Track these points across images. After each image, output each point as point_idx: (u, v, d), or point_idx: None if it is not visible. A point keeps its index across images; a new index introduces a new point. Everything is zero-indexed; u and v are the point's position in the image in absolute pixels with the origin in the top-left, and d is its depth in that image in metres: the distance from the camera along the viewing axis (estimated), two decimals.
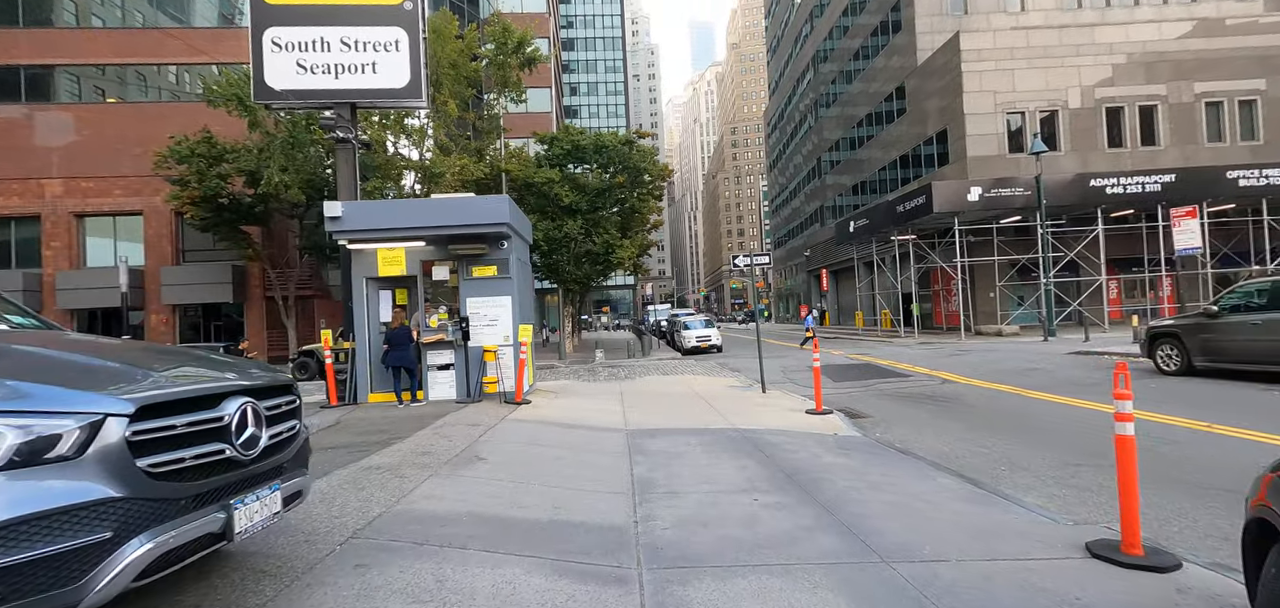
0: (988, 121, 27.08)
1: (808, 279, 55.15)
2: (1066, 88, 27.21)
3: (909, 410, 9.70)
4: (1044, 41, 27.46)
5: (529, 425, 7.79)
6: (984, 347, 20.02)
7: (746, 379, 14.55)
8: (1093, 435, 7.10)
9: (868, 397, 11.32)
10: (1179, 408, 8.21)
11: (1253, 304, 9.68)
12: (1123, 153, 27.01)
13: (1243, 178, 23.24)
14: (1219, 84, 27.19)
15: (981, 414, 8.95)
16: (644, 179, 27.77)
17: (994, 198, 22.95)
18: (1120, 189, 23.06)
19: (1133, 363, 13.06)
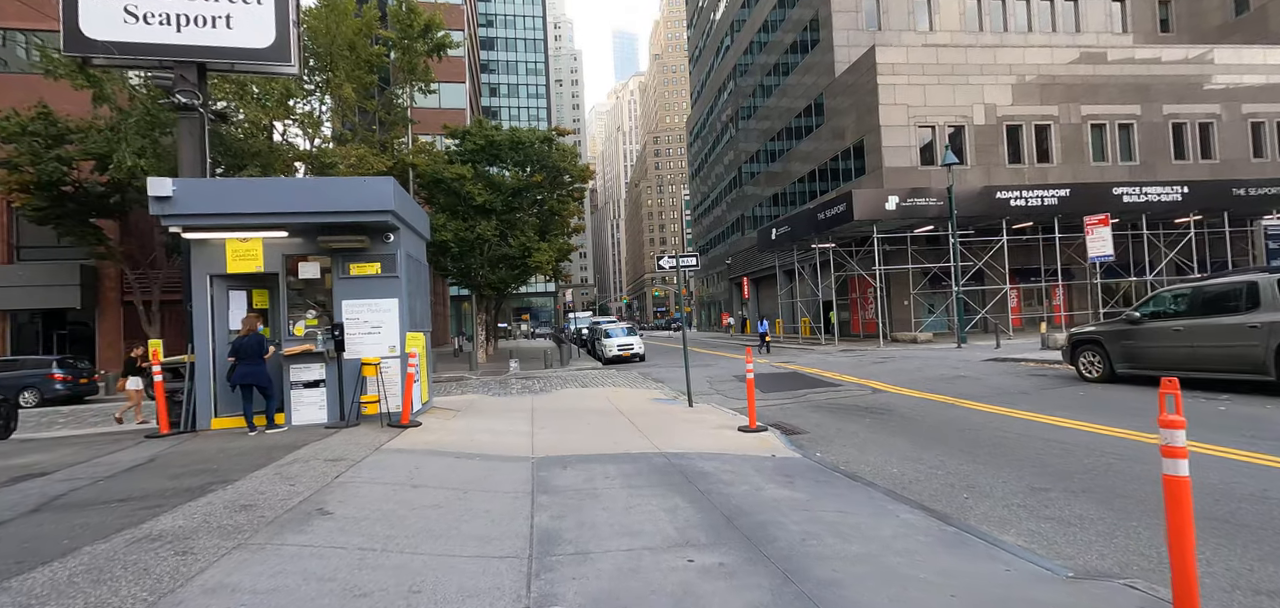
0: (902, 134, 27.77)
1: (729, 287, 55.51)
2: (972, 105, 28.39)
3: (846, 424, 8.95)
4: (951, 60, 28.54)
5: (410, 457, 6.31)
6: (903, 354, 20.11)
7: (671, 391, 13.54)
8: (1048, 452, 6.51)
9: (800, 409, 10.56)
10: (1125, 419, 7.87)
11: (1172, 311, 9.68)
12: (1022, 168, 28.47)
13: (1126, 195, 24.91)
14: (1102, 108, 29.26)
15: (923, 428, 8.30)
16: (564, 179, 26.43)
17: (910, 207, 23.36)
18: (1022, 202, 24.10)
19: (1053, 371, 13.15)
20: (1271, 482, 5.05)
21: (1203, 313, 9.12)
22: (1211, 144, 29.95)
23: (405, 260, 8.68)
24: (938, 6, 32.49)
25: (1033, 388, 10.88)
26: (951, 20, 32.49)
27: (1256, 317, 8.39)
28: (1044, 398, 9.85)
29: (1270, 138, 30.36)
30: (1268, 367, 8.24)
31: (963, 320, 23.08)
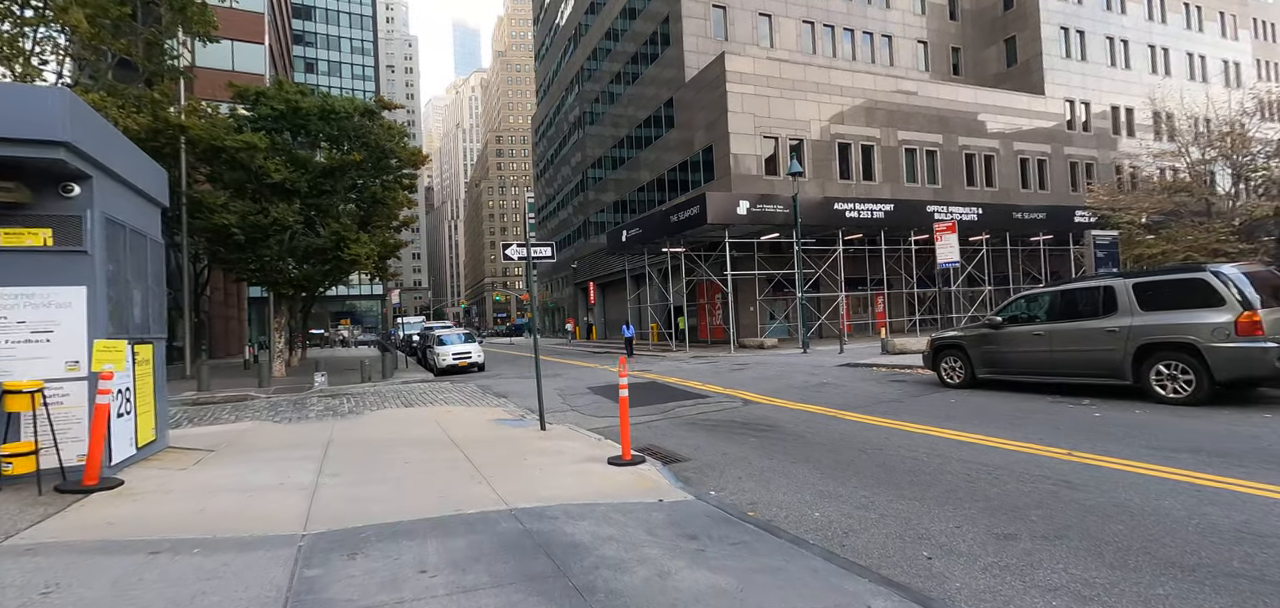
0: (749, 142, 28.17)
1: (575, 292, 53.90)
2: (809, 120, 29.72)
3: (731, 446, 7.53)
4: (792, 76, 29.66)
5: (49, 562, 3.55)
6: (756, 360, 19.81)
7: (518, 407, 11.36)
8: (977, 479, 5.51)
9: (672, 427, 9.01)
10: (1017, 429, 7.31)
11: (1032, 316, 9.69)
12: (851, 184, 30.38)
13: (936, 213, 27.47)
14: (914, 135, 32.35)
15: (821, 450, 7.12)
16: (391, 162, 22.77)
17: (759, 212, 23.46)
18: (856, 214, 25.45)
19: (910, 376, 13.12)
20: (1254, 512, 4.32)
21: (1062, 317, 9.15)
22: (993, 174, 34.58)
23: (103, 229, 5.60)
24: (778, 25, 33.87)
25: (902, 395, 10.46)
26: (789, 40, 34.04)
27: (1114, 321, 8.45)
28: (920, 406, 9.33)
29: (1033, 172, 35.88)
30: (1125, 371, 8.30)
31: (806, 327, 23.63)
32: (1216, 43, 44.62)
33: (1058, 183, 36.48)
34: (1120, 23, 40.00)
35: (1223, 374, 7.45)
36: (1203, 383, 7.57)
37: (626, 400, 6.83)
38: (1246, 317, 7.26)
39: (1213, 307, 7.58)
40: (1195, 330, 7.63)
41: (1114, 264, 13.60)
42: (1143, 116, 39.74)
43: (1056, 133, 36.65)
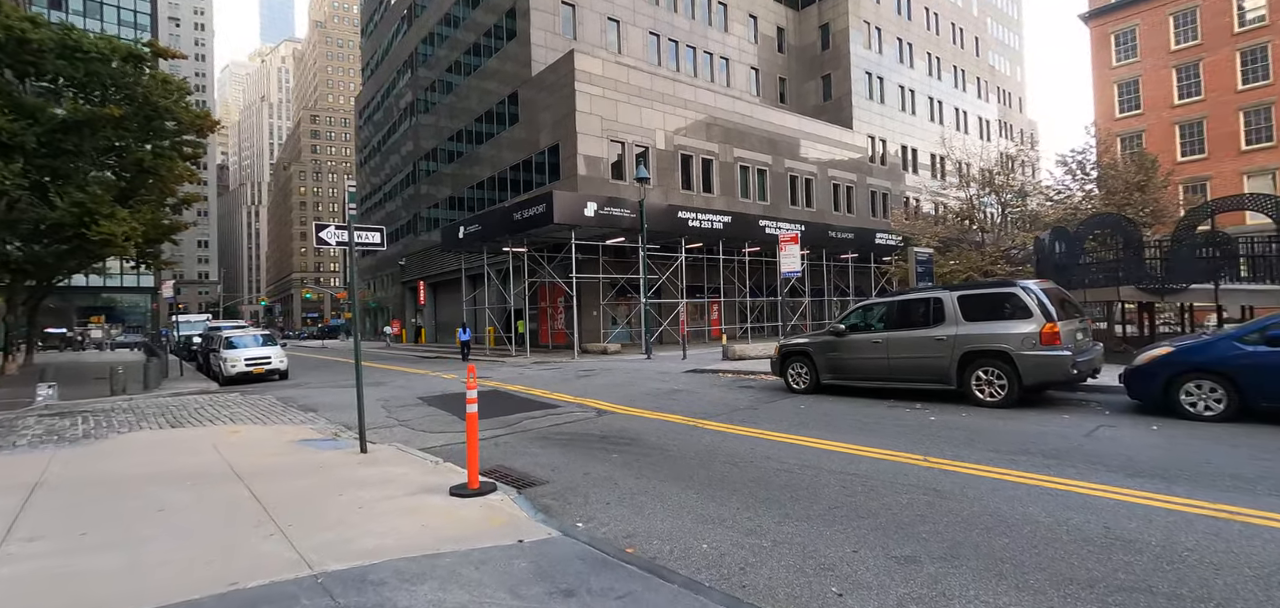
0: (596, 144, 27.76)
1: (402, 292, 49.53)
2: (655, 129, 30.16)
3: (594, 465, 6.72)
4: (640, 83, 29.89)
5: None
6: (601, 366, 19.27)
7: (331, 424, 9.51)
8: (853, 493, 5.28)
9: (523, 444, 7.98)
10: (872, 436, 7.42)
11: (872, 325, 10.20)
12: (692, 194, 31.36)
13: (768, 227, 29.36)
14: (748, 153, 34.41)
15: (690, 463, 6.59)
16: (166, 124, 18.59)
17: (607, 215, 23.05)
18: (698, 223, 26.18)
19: (757, 381, 13.36)
20: (1113, 517, 4.48)
21: (898, 327, 9.72)
22: (812, 196, 38.05)
23: None
24: (626, 33, 34.06)
25: (755, 402, 10.46)
26: (637, 48, 34.39)
27: (942, 330, 9.12)
28: (774, 413, 9.32)
29: (844, 197, 40.17)
30: (951, 376, 8.97)
31: (650, 332, 23.68)
32: (975, 102, 53.93)
33: (861, 208, 41.22)
34: (909, 75, 46.52)
35: (1030, 379, 8.31)
36: (1014, 387, 8.39)
37: (476, 416, 5.70)
38: (1049, 328, 8.16)
39: (1022, 318, 8.45)
40: (1008, 339, 8.44)
41: (930, 278, 15.43)
42: (924, 157, 46.68)
43: (862, 164, 41.43)
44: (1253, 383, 6.72)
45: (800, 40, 44.09)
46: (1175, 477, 5.27)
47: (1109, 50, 34.09)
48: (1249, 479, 5.11)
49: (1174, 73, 31.99)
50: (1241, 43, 30.24)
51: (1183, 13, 31.97)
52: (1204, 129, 31.09)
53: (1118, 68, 33.83)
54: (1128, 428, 7.08)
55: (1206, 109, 31.00)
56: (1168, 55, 32.17)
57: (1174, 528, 4.16)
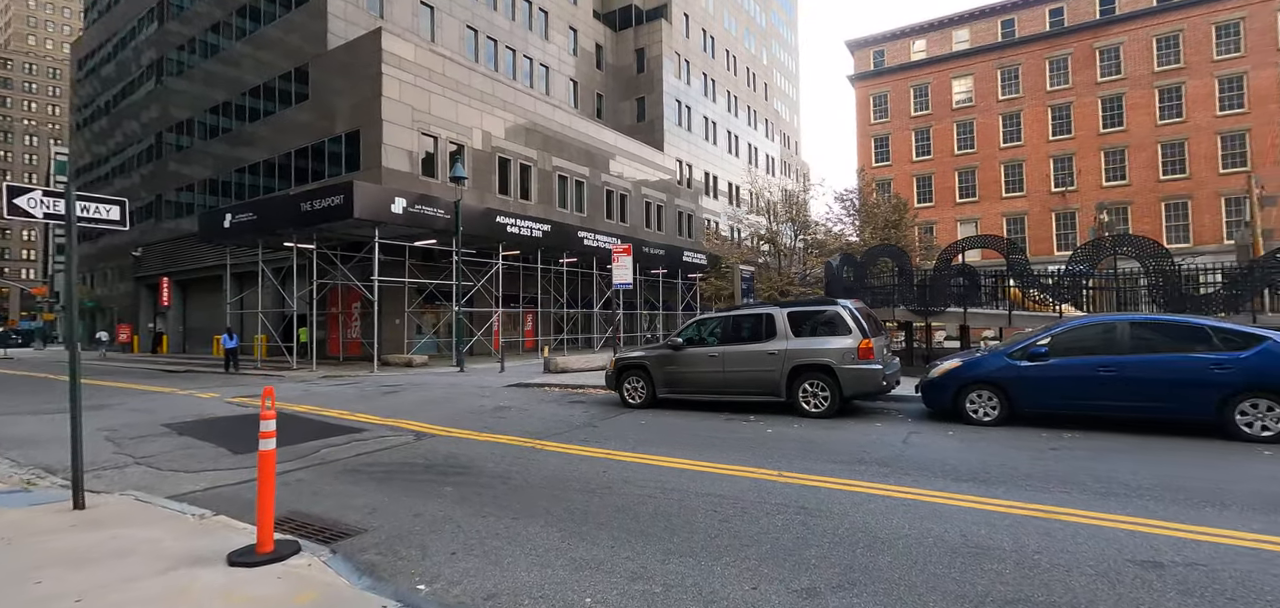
0: (405, 136, 25.23)
1: (136, 289, 40.14)
2: (472, 128, 28.42)
3: (425, 503, 5.60)
4: (457, 76, 27.95)
5: None
6: (410, 380, 17.28)
7: (22, 465, 6.86)
8: (727, 517, 4.99)
9: (326, 479, 6.47)
10: (723, 451, 7.32)
11: (705, 339, 10.33)
12: (509, 200, 30.11)
13: (586, 239, 29.32)
14: (567, 163, 34.17)
15: (540, 495, 5.81)
16: None
17: (418, 214, 20.91)
18: (517, 230, 25.09)
19: (589, 396, 12.84)
20: (964, 524, 4.71)
21: (733, 341, 9.96)
22: (627, 211, 39.11)
23: None
24: (440, 21, 31.75)
25: (592, 418, 9.94)
26: (452, 40, 32.24)
27: (773, 345, 9.52)
28: (616, 430, 8.89)
29: (655, 215, 41.98)
30: (781, 389, 9.39)
31: (461, 343, 21.98)
32: (763, 140, 60.51)
33: (670, 227, 43.48)
34: (712, 108, 50.53)
35: (849, 390, 9.01)
36: (835, 398, 9.02)
37: (272, 457, 4.30)
38: (866, 343, 8.93)
39: (842, 334, 9.14)
40: (831, 354, 9.08)
41: (752, 294, 16.46)
42: (722, 185, 50.98)
43: (671, 185, 43.75)
44: (1019, 393, 7.99)
45: (618, 60, 45.33)
46: (990, 480, 5.87)
47: (869, 109, 40.59)
48: (1041, 479, 5.87)
49: (913, 135, 39.15)
50: (957, 117, 38.09)
51: (918, 87, 39.33)
52: (932, 182, 38.50)
53: (875, 124, 40.45)
54: (931, 434, 7.94)
55: (934, 167, 38.46)
56: (909, 120, 39.30)
57: (1016, 531, 4.50)
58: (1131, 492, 5.36)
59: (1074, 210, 34.98)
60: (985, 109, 37.44)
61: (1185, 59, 33.09)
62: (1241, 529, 4.41)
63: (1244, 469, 5.98)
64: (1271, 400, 6.73)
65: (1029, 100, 36.45)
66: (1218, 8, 32.78)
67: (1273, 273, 10.49)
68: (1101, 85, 34.76)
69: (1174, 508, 4.93)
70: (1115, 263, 12.53)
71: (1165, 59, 33.53)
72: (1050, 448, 6.95)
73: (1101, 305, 12.74)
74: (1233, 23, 32.18)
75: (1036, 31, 37.01)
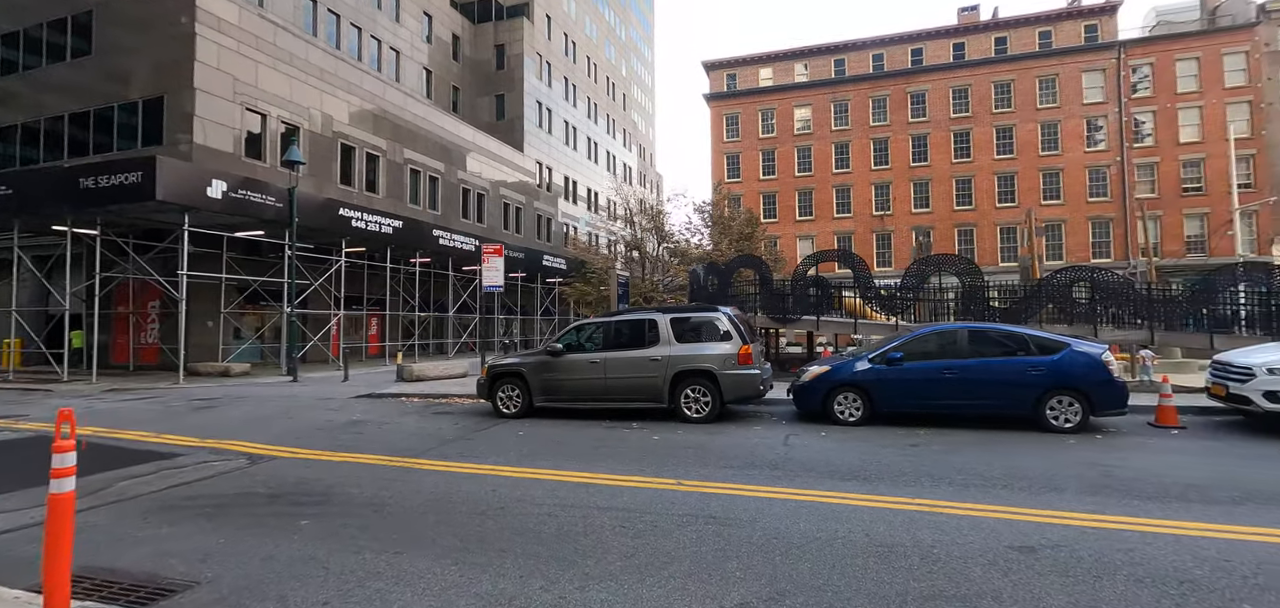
0: (225, 110, 21.80)
1: None
2: (310, 108, 25.41)
3: (275, 542, 4.66)
4: (292, 48, 24.81)
5: None
6: (228, 393, 14.84)
7: None
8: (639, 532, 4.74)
9: (132, 520, 5.18)
10: (607, 462, 7.04)
11: (584, 345, 10.01)
12: (352, 192, 27.35)
13: (441, 238, 27.54)
14: (420, 157, 31.91)
15: (425, 522, 5.11)
16: None
17: (242, 200, 18.10)
18: (363, 225, 22.81)
19: (456, 406, 11.84)
20: (863, 523, 4.88)
21: (615, 347, 9.75)
22: (484, 211, 37.49)
23: None
24: None
25: (464, 430, 9.14)
26: (284, 8, 28.56)
27: (657, 351, 9.47)
28: (494, 442, 8.25)
29: (514, 217, 40.73)
30: (664, 395, 9.36)
31: (295, 349, 19.43)
32: (621, 149, 61.60)
33: (528, 230, 42.46)
34: (573, 113, 50.35)
35: (730, 396, 9.21)
36: (716, 403, 9.18)
37: (70, 499, 3.26)
38: (745, 349, 9.19)
39: (722, 340, 9.34)
40: (713, 360, 9.23)
41: (627, 299, 16.35)
42: (582, 191, 51.00)
43: (530, 187, 42.77)
44: (879, 395, 8.71)
45: (476, 53, 43.42)
46: (871, 477, 6.24)
47: (722, 128, 43.00)
48: (913, 475, 6.35)
49: (760, 155, 42.17)
50: (799, 142, 41.74)
51: (766, 111, 42.50)
52: (777, 200, 41.75)
53: (727, 143, 42.96)
54: (807, 435, 8.35)
55: (778, 186, 41.76)
56: (758, 140, 42.29)
57: (909, 527, 4.76)
58: (987, 483, 5.98)
59: (890, 232, 40.00)
60: (821, 137, 41.49)
61: (972, 110, 39.41)
62: (1080, 511, 5.07)
63: (1063, 457, 6.99)
64: (1071, 397, 8.00)
65: (856, 133, 41.06)
66: (997, 69, 39.50)
67: (1055, 291, 12.82)
68: (912, 125, 40.21)
69: (1024, 495, 5.56)
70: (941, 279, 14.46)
71: (958, 108, 39.66)
72: (910, 445, 7.62)
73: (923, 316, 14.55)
74: (1006, 82, 38.97)
75: (862, 72, 41.86)
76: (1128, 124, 36.37)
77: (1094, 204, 36.97)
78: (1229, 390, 7.93)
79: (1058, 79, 37.82)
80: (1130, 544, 4.34)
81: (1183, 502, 5.31)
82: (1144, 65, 36.58)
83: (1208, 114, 35.60)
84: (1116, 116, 36.50)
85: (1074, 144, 37.37)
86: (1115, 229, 36.67)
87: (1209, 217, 35.43)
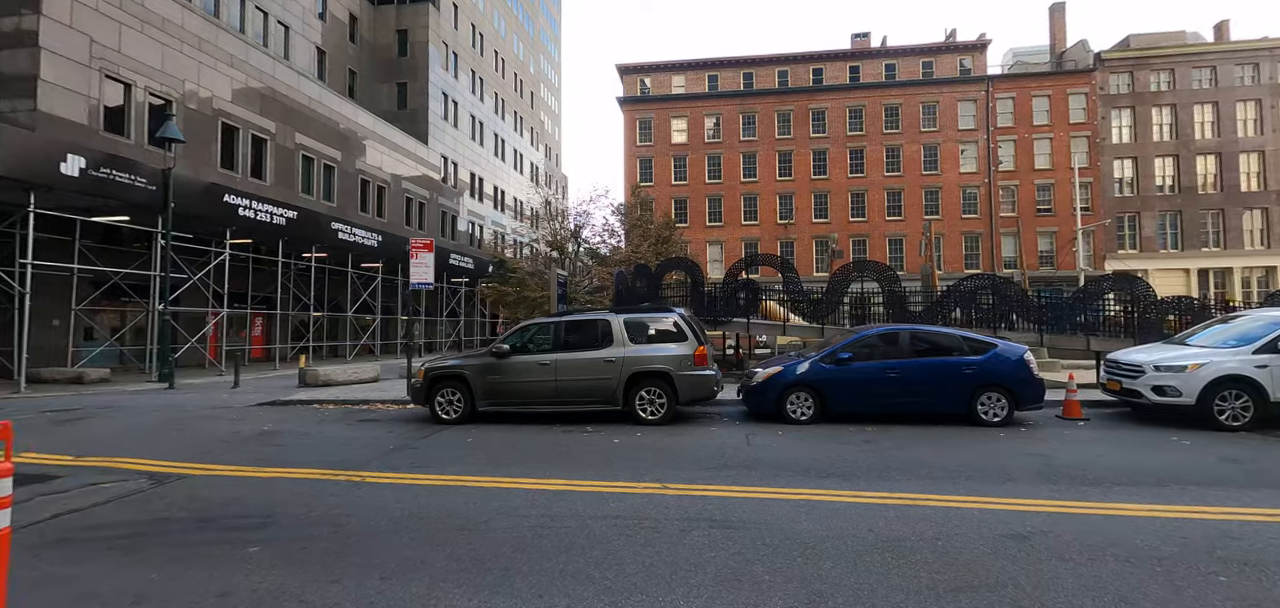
0: (79, 75, 18.82)
1: None
2: (184, 80, 22.56)
3: (222, 574, 3.96)
4: (162, 11, 21.90)
5: None
6: (89, 402, 12.74)
7: None
8: (652, 543, 4.52)
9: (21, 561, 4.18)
10: (576, 468, 6.71)
11: (531, 346, 9.56)
12: (234, 176, 24.60)
13: (340, 232, 25.49)
14: (314, 143, 29.35)
15: (401, 540, 4.56)
16: None
17: (105, 179, 15.66)
18: (252, 213, 20.56)
19: (387, 413, 10.87)
20: (863, 520, 4.94)
21: (566, 349, 9.37)
22: (385, 206, 35.18)
23: None
24: None
25: (404, 438, 8.38)
26: None
27: (611, 352, 9.21)
28: (446, 449, 7.64)
29: (416, 212, 38.59)
30: (618, 397, 9.12)
31: (170, 351, 17.11)
32: (528, 147, 60.33)
33: (432, 226, 40.37)
34: (480, 108, 48.59)
35: (685, 397, 9.14)
36: (671, 405, 9.07)
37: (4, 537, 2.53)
38: (701, 350, 9.17)
39: (677, 341, 9.25)
40: (669, 361, 9.12)
41: (565, 301, 15.77)
42: (488, 188, 49.33)
43: (434, 182, 40.71)
44: (830, 393, 9.00)
45: (376, 38, 40.73)
46: (845, 474, 6.37)
47: (635, 132, 43.27)
48: (882, 469, 6.56)
49: (672, 161, 42.88)
50: (709, 150, 42.88)
51: (678, 117, 43.29)
52: (688, 205, 42.65)
53: (640, 146, 43.28)
54: (766, 435, 8.40)
55: (689, 191, 42.67)
56: (670, 146, 42.96)
57: (908, 521, 4.87)
58: (950, 475, 6.30)
59: (793, 240, 42.14)
60: (731, 146, 42.92)
61: (866, 129, 42.50)
62: (1043, 498, 5.46)
63: (1002, 449, 7.54)
64: (1000, 393, 8.70)
65: (763, 145, 42.88)
66: (887, 93, 42.87)
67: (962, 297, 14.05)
68: (814, 140, 42.64)
69: (987, 485, 5.91)
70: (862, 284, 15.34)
71: (854, 127, 42.60)
72: (865, 442, 7.91)
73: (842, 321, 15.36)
74: (895, 106, 42.39)
75: (769, 87, 43.82)
76: (994, 150, 40.79)
77: (967, 220, 41.14)
78: (1123, 385, 8.98)
79: (938, 106, 41.68)
80: (1100, 527, 4.71)
81: (1120, 485, 5.87)
82: (1006, 99, 41.19)
83: (1056, 145, 40.75)
84: (985, 142, 40.82)
85: (950, 165, 41.34)
86: (984, 244, 40.99)
87: (1057, 234, 40.54)
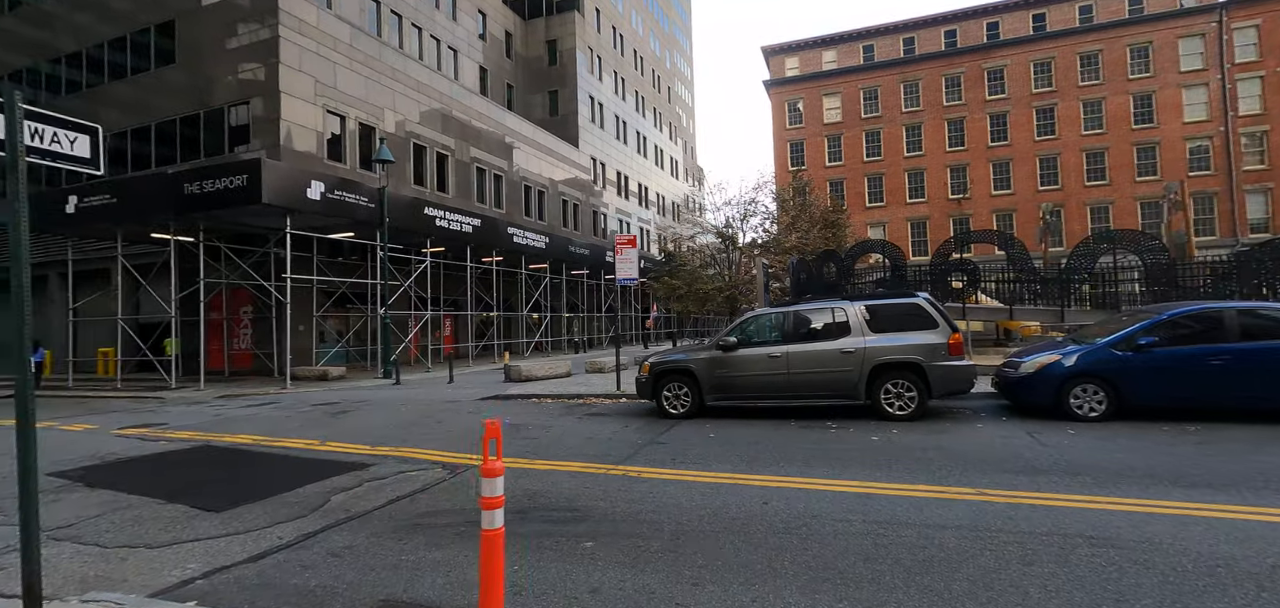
0: (309, 112, 21.65)
1: None
2: (384, 109, 25.18)
3: (579, 571, 3.93)
4: (366, 49, 24.61)
5: None
6: (343, 396, 14.45)
7: None
8: (996, 550, 3.85)
9: (384, 542, 4.50)
10: (840, 467, 6.16)
11: (766, 338, 9.16)
12: (424, 191, 27.08)
13: (515, 235, 27.07)
14: (484, 155, 31.53)
15: (720, 541, 4.31)
16: None
17: (339, 201, 17.80)
18: (447, 224, 22.41)
19: (613, 407, 11.13)
20: (1184, 532, 3.89)
21: (797, 339, 8.87)
22: (546, 209, 37.02)
23: None
24: None
25: (646, 432, 8.36)
26: (352, 10, 28.42)
27: (848, 342, 8.56)
28: (692, 444, 7.44)
29: (572, 213, 40.19)
30: (860, 391, 8.44)
31: (391, 351, 19.11)
32: (667, 142, 60.59)
33: (586, 226, 41.87)
34: (623, 107, 49.57)
35: (939, 390, 8.25)
36: (922, 398, 8.21)
37: (499, 538, 2.54)
38: (956, 338, 8.22)
39: (927, 329, 8.37)
40: (919, 350, 8.28)
41: (768, 291, 15.56)
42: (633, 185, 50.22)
43: (586, 184, 42.18)
44: (1126, 385, 7.62)
45: (528, 51, 43.01)
46: (1186, 482, 5.21)
47: (784, 115, 41.69)
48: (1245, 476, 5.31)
49: (826, 141, 40.73)
50: (866, 126, 40.17)
51: (830, 95, 41.03)
52: (844, 187, 40.30)
53: (790, 130, 41.63)
54: (1052, 433, 7.25)
55: (845, 172, 40.29)
56: (822, 127, 40.85)
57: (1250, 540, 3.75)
58: None
59: (968, 216, 38.17)
60: (890, 119, 39.86)
61: (1056, 83, 37.30)
62: None
63: None
64: None
65: (928, 114, 39.30)
66: (1082, 40, 37.29)
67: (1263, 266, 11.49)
68: (989, 103, 38.28)
69: None
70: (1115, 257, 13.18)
71: (1040, 82, 37.58)
72: (1200, 443, 6.54)
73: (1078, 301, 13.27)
74: (1093, 53, 36.76)
75: (934, 50, 40.06)
76: (1231, 92, 33.86)
77: (1194, 178, 34.56)
78: None
79: (1151, 47, 35.47)
80: None
81: None
82: (1247, 28, 34.00)
83: None
84: (1219, 83, 34.02)
85: (1170, 116, 35.00)
86: (1220, 204, 34.25)
87: None
